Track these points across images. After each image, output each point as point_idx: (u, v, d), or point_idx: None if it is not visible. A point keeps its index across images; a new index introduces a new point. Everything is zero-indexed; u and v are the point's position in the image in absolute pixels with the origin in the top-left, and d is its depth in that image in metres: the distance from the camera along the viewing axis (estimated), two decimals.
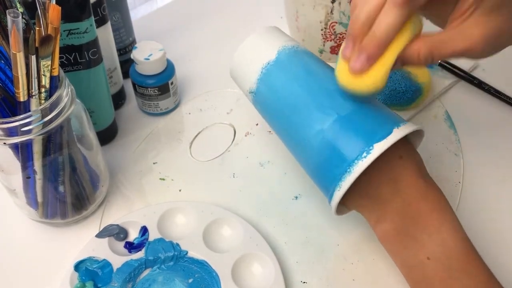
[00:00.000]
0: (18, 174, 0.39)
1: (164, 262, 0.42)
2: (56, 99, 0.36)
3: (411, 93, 0.53)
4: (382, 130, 0.36)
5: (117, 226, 0.43)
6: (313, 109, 0.38)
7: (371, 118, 0.37)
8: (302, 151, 0.40)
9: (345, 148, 0.36)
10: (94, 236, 0.42)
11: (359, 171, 0.35)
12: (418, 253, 0.34)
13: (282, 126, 0.42)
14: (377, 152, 0.34)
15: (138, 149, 0.52)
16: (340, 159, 0.36)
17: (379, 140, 0.35)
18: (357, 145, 0.35)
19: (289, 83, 0.41)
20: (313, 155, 0.38)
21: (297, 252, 0.43)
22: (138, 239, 0.43)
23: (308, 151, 0.39)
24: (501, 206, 0.47)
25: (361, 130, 0.36)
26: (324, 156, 0.37)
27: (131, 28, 0.57)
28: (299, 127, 0.39)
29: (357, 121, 0.37)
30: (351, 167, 0.35)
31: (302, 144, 0.39)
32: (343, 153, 0.36)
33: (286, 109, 0.40)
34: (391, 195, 0.36)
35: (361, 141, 0.35)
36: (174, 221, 0.44)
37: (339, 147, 0.36)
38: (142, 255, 0.41)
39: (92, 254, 0.41)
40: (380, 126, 0.36)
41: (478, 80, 0.57)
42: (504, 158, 0.51)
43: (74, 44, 0.43)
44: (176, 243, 0.42)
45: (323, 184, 0.39)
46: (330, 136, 0.37)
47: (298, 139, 0.40)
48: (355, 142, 0.36)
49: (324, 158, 0.37)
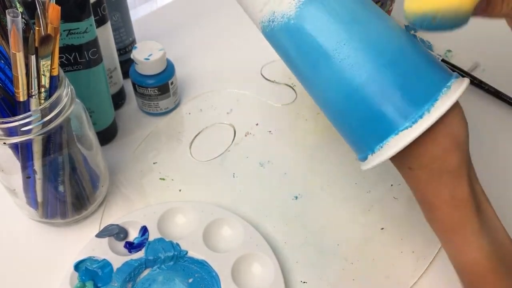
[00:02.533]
0: (18, 174, 0.39)
1: (164, 262, 0.42)
2: (56, 99, 0.36)
3: None
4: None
5: (117, 226, 0.43)
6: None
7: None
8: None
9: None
10: (94, 236, 0.42)
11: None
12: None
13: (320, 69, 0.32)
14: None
15: (138, 149, 0.52)
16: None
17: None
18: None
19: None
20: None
21: (297, 252, 0.43)
22: (138, 239, 0.43)
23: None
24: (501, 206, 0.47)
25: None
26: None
27: (131, 28, 0.57)
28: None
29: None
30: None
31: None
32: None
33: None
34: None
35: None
36: (174, 221, 0.44)
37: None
38: (142, 255, 0.41)
39: (92, 254, 0.41)
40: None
41: (478, 80, 0.57)
42: (504, 158, 0.51)
43: (74, 44, 0.43)
44: (176, 243, 0.42)
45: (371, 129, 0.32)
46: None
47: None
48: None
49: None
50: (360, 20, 0.31)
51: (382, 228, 0.45)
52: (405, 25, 0.58)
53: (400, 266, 0.42)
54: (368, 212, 0.46)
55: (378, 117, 0.31)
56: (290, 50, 0.33)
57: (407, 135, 0.30)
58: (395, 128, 0.30)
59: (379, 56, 0.30)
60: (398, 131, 0.30)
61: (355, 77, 0.31)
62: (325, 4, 0.31)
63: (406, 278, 0.42)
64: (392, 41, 0.31)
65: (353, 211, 0.46)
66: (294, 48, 0.33)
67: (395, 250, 0.44)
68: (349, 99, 0.31)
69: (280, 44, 0.34)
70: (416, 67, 0.31)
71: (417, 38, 0.63)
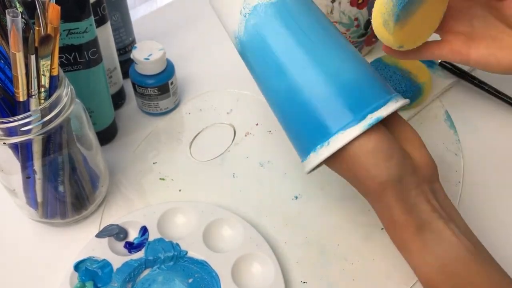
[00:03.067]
0: (18, 174, 0.39)
1: (164, 262, 0.42)
2: (55, 99, 0.36)
3: (411, 93, 0.53)
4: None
5: (117, 226, 0.43)
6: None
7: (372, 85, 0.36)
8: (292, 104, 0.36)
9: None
10: (94, 236, 0.42)
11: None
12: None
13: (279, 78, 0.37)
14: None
15: (138, 149, 0.52)
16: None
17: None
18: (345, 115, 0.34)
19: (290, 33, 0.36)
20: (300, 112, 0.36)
21: (297, 252, 0.43)
22: (138, 239, 0.43)
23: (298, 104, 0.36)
24: (501, 206, 0.47)
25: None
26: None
27: (131, 28, 0.57)
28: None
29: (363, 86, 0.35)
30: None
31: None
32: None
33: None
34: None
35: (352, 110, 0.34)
36: (174, 221, 0.44)
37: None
38: (142, 255, 0.41)
39: (92, 254, 0.41)
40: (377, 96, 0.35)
41: (478, 80, 0.57)
42: (504, 158, 0.51)
43: (73, 44, 0.43)
44: (176, 243, 0.42)
45: (308, 135, 0.36)
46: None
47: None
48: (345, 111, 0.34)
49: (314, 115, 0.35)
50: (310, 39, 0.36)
51: (382, 228, 0.45)
52: None
53: (400, 266, 0.42)
54: (368, 212, 0.46)
55: (314, 118, 0.35)
56: (251, 60, 0.39)
57: (337, 140, 0.34)
58: (330, 132, 0.34)
59: (324, 67, 0.35)
60: (332, 135, 0.34)
61: (298, 80, 0.35)
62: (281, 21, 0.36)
63: (406, 278, 0.42)
64: (340, 58, 0.36)
65: (353, 211, 0.46)
66: (253, 58, 0.38)
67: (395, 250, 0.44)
68: (292, 99, 0.36)
69: (244, 57, 0.40)
70: (356, 82, 0.35)
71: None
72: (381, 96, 0.35)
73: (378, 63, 0.56)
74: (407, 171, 0.34)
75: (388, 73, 0.55)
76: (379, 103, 0.34)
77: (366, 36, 0.57)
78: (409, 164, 0.34)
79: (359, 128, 0.33)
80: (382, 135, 0.34)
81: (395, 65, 0.56)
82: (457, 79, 0.58)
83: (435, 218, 0.34)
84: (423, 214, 0.34)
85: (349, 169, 0.35)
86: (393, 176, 0.33)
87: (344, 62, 0.35)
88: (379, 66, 0.56)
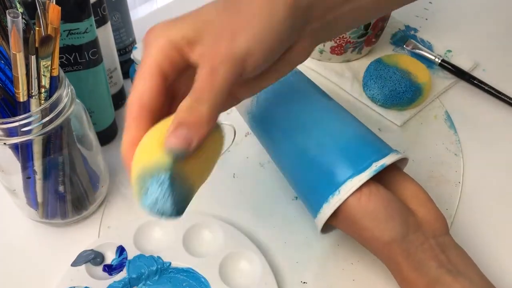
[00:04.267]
0: (18, 174, 0.39)
1: (148, 278, 0.41)
2: (56, 99, 0.36)
3: (411, 93, 0.53)
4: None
5: (91, 251, 0.41)
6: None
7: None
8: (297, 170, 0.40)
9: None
10: (70, 265, 0.41)
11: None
12: None
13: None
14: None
15: None
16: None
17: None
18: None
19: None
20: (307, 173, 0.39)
21: (297, 252, 0.43)
22: (116, 260, 0.41)
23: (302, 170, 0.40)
24: (501, 206, 0.47)
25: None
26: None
27: (131, 28, 0.57)
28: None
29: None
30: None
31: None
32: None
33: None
34: None
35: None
36: (150, 235, 0.43)
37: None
38: (124, 275, 0.40)
39: (71, 284, 0.39)
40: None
41: (478, 80, 0.57)
42: (504, 158, 0.51)
43: (74, 44, 0.43)
44: (157, 256, 0.41)
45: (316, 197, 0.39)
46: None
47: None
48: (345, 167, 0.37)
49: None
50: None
51: None
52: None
53: None
54: None
55: (324, 173, 0.38)
56: (262, 130, 0.44)
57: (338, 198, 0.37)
58: (339, 181, 0.37)
59: (328, 128, 0.39)
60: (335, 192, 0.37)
61: (305, 146, 0.39)
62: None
63: None
64: (342, 123, 0.40)
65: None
66: (265, 127, 0.43)
67: None
68: (304, 157, 0.39)
69: (256, 130, 0.45)
70: (361, 139, 0.39)
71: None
72: (384, 149, 0.38)
73: (378, 64, 0.56)
74: (410, 229, 0.35)
75: (388, 73, 0.55)
76: (383, 153, 0.37)
77: (366, 36, 0.57)
78: (412, 222, 0.36)
79: (366, 174, 0.36)
80: (382, 196, 0.36)
81: (395, 65, 0.56)
82: (457, 79, 0.58)
83: (443, 274, 0.34)
84: (431, 270, 0.34)
85: (355, 231, 0.37)
86: (396, 236, 0.35)
87: (347, 125, 0.40)
88: (379, 67, 0.56)
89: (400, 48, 0.62)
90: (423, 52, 0.60)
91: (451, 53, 0.61)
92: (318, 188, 0.38)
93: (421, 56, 0.60)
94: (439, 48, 0.62)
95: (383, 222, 0.35)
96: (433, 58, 0.59)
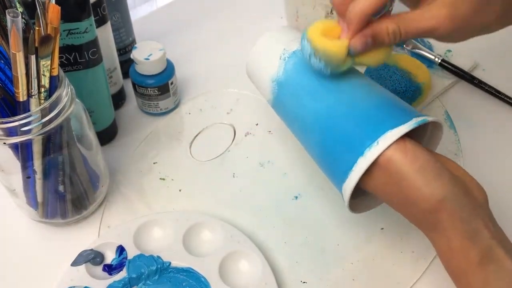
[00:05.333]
0: (18, 174, 0.39)
1: (148, 278, 0.40)
2: (55, 99, 0.36)
3: (411, 93, 0.53)
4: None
5: (91, 250, 0.41)
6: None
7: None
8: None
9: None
10: (70, 265, 0.40)
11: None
12: None
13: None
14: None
15: (138, 149, 0.52)
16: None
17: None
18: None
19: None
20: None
21: (297, 252, 0.43)
22: (116, 260, 0.41)
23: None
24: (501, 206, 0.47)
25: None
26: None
27: (131, 28, 0.57)
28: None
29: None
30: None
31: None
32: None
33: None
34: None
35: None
36: (150, 235, 0.43)
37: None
38: (124, 275, 0.40)
39: (71, 284, 0.39)
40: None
41: (478, 80, 0.57)
42: (504, 158, 0.51)
43: (74, 44, 0.43)
44: (157, 256, 0.41)
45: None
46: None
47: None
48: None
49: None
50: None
51: (382, 228, 0.45)
52: None
53: (400, 266, 0.42)
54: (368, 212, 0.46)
55: (361, 123, 0.35)
56: (288, 95, 0.41)
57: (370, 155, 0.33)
58: (379, 130, 0.34)
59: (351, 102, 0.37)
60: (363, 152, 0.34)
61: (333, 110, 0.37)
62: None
63: (406, 278, 0.42)
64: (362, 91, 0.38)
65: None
66: (292, 90, 0.40)
67: (395, 250, 0.44)
68: (333, 118, 0.37)
69: (280, 98, 0.42)
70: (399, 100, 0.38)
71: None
72: (416, 112, 0.36)
73: None
74: (460, 191, 0.32)
75: (388, 73, 0.55)
76: (421, 114, 0.35)
77: None
78: (461, 184, 0.32)
79: (409, 124, 0.33)
80: (428, 156, 0.32)
81: (395, 65, 0.56)
82: (457, 79, 0.58)
83: (495, 246, 0.31)
84: (484, 240, 0.31)
85: (399, 191, 0.32)
86: (448, 194, 0.31)
87: (382, 91, 0.39)
88: (379, 66, 0.56)
89: (400, 47, 0.62)
90: (423, 52, 0.60)
91: (451, 52, 0.61)
92: (352, 142, 0.34)
93: (421, 55, 0.60)
94: (439, 48, 0.62)
95: (432, 179, 0.31)
96: (433, 58, 0.59)
